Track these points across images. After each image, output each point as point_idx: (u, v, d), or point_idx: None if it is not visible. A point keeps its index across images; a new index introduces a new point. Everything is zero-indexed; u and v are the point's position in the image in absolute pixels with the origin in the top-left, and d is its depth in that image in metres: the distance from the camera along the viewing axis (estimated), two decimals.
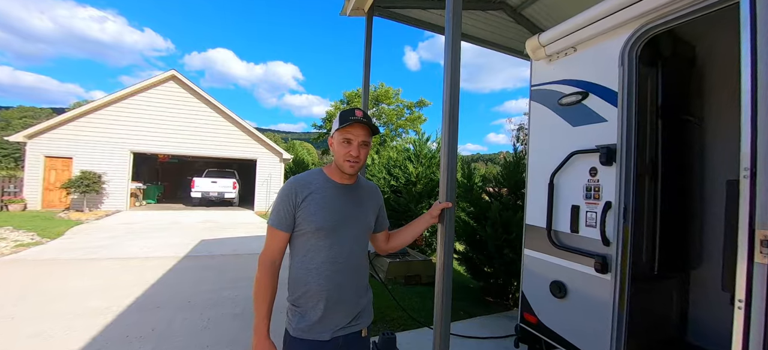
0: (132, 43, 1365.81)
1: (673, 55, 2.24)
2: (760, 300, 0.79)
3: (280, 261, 1.33)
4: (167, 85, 13.77)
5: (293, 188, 1.30)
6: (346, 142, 1.31)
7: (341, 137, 1.31)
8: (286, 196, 1.29)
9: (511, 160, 4.63)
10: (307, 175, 1.37)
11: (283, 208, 1.28)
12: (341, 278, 1.30)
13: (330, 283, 1.28)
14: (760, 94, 0.83)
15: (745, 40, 0.87)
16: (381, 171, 8.42)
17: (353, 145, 1.31)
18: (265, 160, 15.39)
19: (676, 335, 2.31)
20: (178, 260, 5.83)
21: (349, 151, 1.31)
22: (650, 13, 1.77)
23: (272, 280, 1.29)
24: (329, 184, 1.35)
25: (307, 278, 1.27)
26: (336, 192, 1.35)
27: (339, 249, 1.30)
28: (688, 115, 2.34)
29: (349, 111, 1.33)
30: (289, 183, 1.32)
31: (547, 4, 3.76)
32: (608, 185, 1.89)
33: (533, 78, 2.48)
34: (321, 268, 1.27)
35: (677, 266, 2.28)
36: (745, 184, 0.83)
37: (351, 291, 1.33)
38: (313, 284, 1.27)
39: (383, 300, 3.89)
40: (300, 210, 1.27)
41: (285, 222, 1.28)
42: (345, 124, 1.29)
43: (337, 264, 1.29)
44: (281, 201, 1.30)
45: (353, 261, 1.34)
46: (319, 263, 1.28)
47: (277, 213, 1.29)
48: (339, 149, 1.32)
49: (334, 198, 1.33)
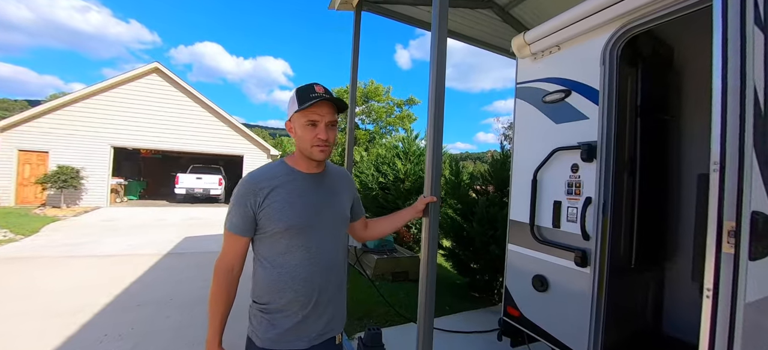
0: (116, 35, 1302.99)
1: (652, 55, 2.30)
2: (726, 288, 0.83)
3: (239, 268, 1.18)
4: (150, 77, 13.38)
5: (251, 186, 1.12)
6: (310, 124, 1.14)
7: (304, 120, 1.14)
8: (244, 196, 1.12)
9: (498, 158, 4.70)
10: (268, 169, 1.19)
11: (241, 210, 1.12)
12: (319, 279, 1.17)
13: (307, 287, 1.14)
14: (729, 93, 0.86)
15: (717, 41, 0.90)
16: (370, 168, 8.41)
17: (320, 126, 1.14)
18: (252, 156, 15.16)
19: (652, 326, 2.39)
20: (160, 257, 5.69)
21: (316, 134, 1.14)
22: (630, 13, 1.81)
23: (230, 291, 1.16)
24: (296, 176, 1.19)
25: (280, 282, 1.13)
26: (305, 184, 1.19)
27: (316, 248, 1.16)
28: (665, 114, 2.42)
29: (308, 87, 1.15)
30: (247, 181, 1.14)
31: (534, 3, 3.81)
32: (589, 181, 1.94)
33: (518, 76, 2.51)
34: (296, 271, 1.13)
35: (653, 259, 2.36)
36: (715, 178, 0.87)
37: (330, 292, 1.20)
38: (287, 289, 1.13)
39: (370, 297, 3.89)
40: (262, 210, 1.11)
41: (244, 225, 1.12)
42: (307, 103, 1.11)
43: (314, 265, 1.15)
44: (238, 202, 1.12)
45: (331, 259, 1.21)
46: (293, 265, 1.13)
47: (234, 215, 1.13)
48: (303, 134, 1.15)
49: (303, 191, 1.17)
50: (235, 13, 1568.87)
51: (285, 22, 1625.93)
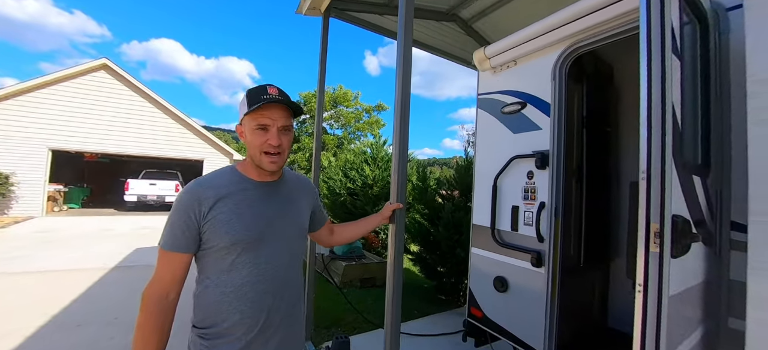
0: (57, 26, 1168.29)
1: (594, 72, 2.54)
2: (653, 283, 0.94)
3: (176, 295, 1.01)
4: (98, 74, 12.28)
5: (195, 194, 1.00)
6: (261, 128, 1.03)
7: (254, 123, 1.03)
8: (187, 206, 0.98)
9: (462, 164, 4.89)
10: (215, 176, 1.08)
11: (182, 223, 0.98)
12: (269, 299, 1.06)
13: (255, 308, 1.03)
14: (653, 110, 0.98)
15: (643, 67, 1.03)
16: (338, 173, 8.34)
17: (271, 131, 1.04)
18: (213, 161, 14.40)
19: (599, 320, 2.61)
20: (106, 272, 5.20)
21: (266, 139, 1.03)
22: (575, 35, 1.99)
23: (164, 323, 0.98)
24: (246, 185, 1.08)
25: (223, 303, 1.01)
26: (257, 193, 1.08)
27: (266, 265, 1.05)
28: (606, 126, 2.67)
29: (260, 88, 1.05)
30: (190, 189, 1.02)
31: (494, 19, 4.04)
32: (543, 187, 2.08)
33: (480, 87, 2.65)
34: (242, 290, 1.02)
35: (599, 258, 2.59)
36: (643, 185, 0.98)
37: (282, 312, 1.09)
38: (232, 311, 1.01)
39: (338, 305, 3.85)
40: (207, 222, 0.99)
41: (186, 240, 0.99)
42: (256, 105, 1.00)
43: (263, 283, 1.05)
44: (179, 215, 0.98)
45: (284, 275, 1.10)
46: (239, 284, 1.02)
47: (176, 228, 0.98)
48: (253, 139, 1.04)
49: (254, 201, 1.07)
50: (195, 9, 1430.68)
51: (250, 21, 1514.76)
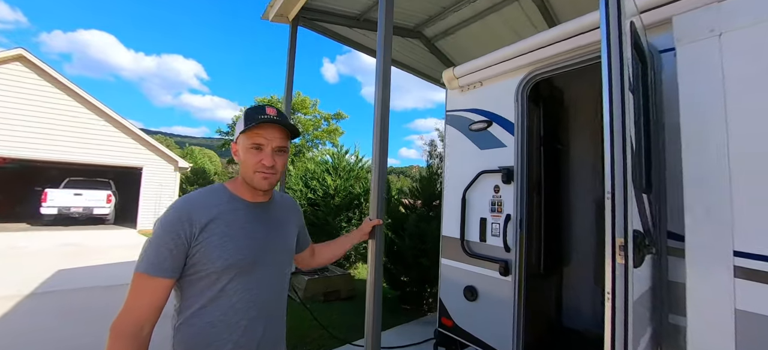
0: None
1: (549, 96, 2.82)
2: (619, 291, 1.06)
3: (150, 328, 0.91)
4: (12, 66, 10.56)
5: (186, 213, 0.94)
6: (255, 148, 1.02)
7: (249, 142, 1.02)
8: (176, 225, 0.91)
9: (424, 174, 5.05)
10: (205, 194, 1.03)
11: (170, 242, 0.90)
12: (260, 327, 1.02)
13: (246, 337, 0.98)
14: (615, 138, 1.12)
15: (606, 102, 1.17)
16: (298, 183, 8.09)
17: (265, 151, 1.03)
18: (154, 168, 13.07)
19: (556, 321, 2.85)
20: (18, 300, 4.41)
21: (260, 159, 1.02)
22: (533, 63, 2.21)
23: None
24: (237, 204, 1.05)
25: (211, 335, 0.94)
26: (249, 214, 1.05)
27: (257, 290, 1.01)
28: (559, 144, 2.97)
29: (258, 108, 1.04)
30: (180, 206, 0.96)
31: (456, 40, 4.29)
32: (508, 200, 2.24)
33: (448, 104, 2.78)
34: (234, 319, 0.97)
35: (556, 265, 2.84)
36: (608, 204, 1.11)
37: (272, 340, 1.07)
38: (225, 342, 0.95)
39: (303, 321, 3.70)
40: (198, 245, 0.93)
41: (172, 262, 0.91)
42: (253, 124, 1.00)
43: (255, 309, 1.00)
44: (167, 233, 0.91)
45: (275, 301, 1.08)
46: (227, 311, 0.96)
47: (159, 250, 0.90)
48: (247, 158, 1.03)
49: (247, 222, 1.03)
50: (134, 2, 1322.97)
51: (201, 21, 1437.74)
